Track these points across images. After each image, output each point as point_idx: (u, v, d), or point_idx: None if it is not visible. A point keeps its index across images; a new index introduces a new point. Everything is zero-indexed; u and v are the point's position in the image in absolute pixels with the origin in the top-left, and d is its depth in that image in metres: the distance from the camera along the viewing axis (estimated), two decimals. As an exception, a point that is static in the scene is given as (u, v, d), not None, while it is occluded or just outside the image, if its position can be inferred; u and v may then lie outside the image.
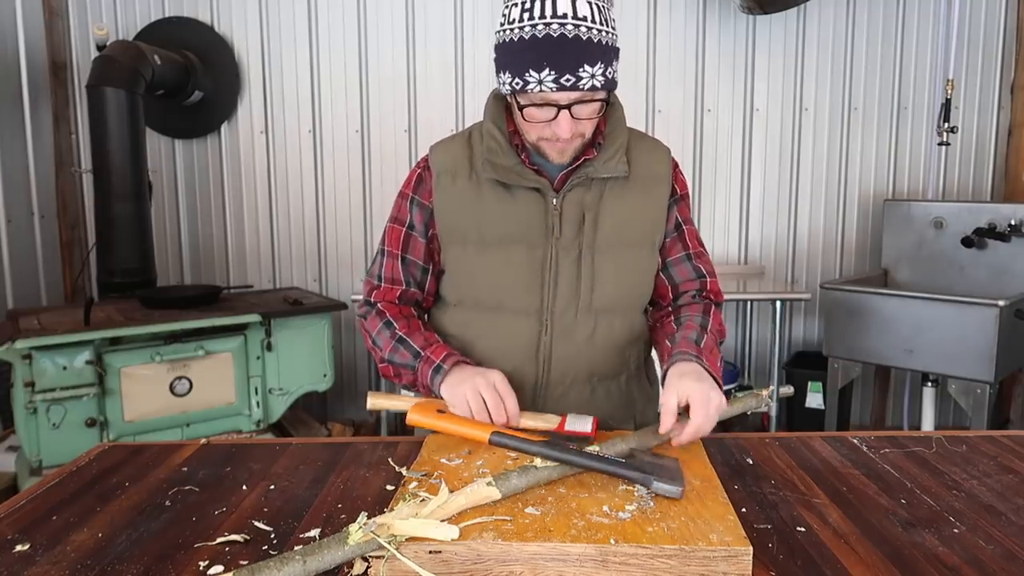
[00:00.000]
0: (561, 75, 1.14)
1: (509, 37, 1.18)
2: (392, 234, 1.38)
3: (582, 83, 1.15)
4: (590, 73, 1.15)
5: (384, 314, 1.37)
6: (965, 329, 2.81)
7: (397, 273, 1.38)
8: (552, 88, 1.15)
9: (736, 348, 3.88)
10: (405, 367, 1.32)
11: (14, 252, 3.34)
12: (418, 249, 1.37)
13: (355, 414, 3.88)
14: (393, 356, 1.33)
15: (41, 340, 2.45)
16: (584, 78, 1.15)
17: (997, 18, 3.57)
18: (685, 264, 1.39)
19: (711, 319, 1.34)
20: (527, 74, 1.16)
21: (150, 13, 3.62)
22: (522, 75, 1.16)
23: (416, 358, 1.30)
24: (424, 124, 3.68)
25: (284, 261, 3.80)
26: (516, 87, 1.18)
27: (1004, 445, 1.29)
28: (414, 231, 1.37)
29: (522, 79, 1.17)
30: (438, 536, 0.85)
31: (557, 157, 1.26)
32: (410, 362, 1.31)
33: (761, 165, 3.72)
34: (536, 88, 1.16)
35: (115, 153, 3.06)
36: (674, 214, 1.38)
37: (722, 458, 1.22)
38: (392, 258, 1.38)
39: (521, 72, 1.16)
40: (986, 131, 3.66)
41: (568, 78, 1.14)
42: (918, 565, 0.89)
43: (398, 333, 1.33)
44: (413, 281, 1.39)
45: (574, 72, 1.14)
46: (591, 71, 1.15)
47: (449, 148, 1.36)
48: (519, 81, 1.17)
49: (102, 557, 0.92)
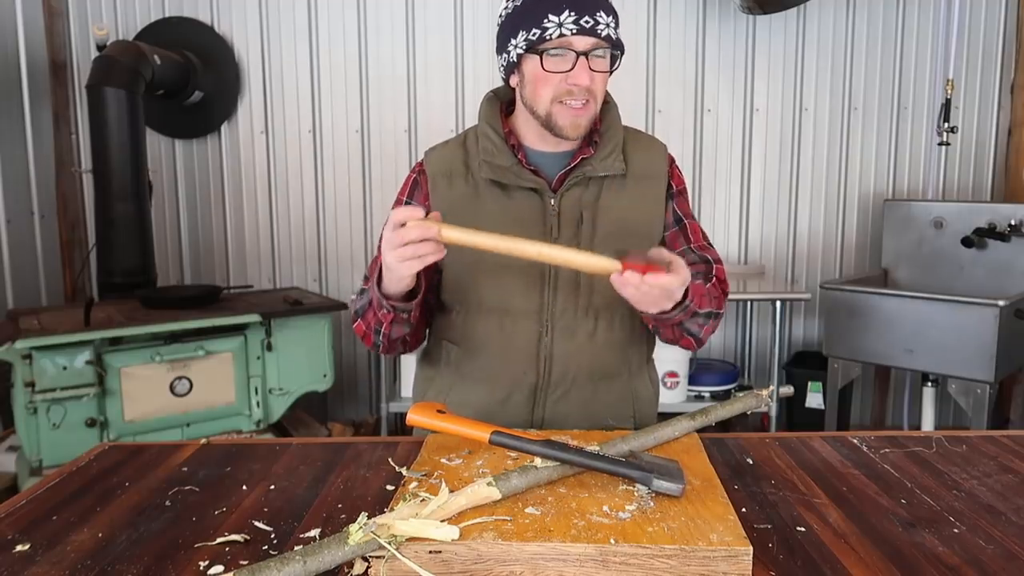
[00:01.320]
0: (580, 16, 1.17)
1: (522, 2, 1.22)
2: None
3: (599, 28, 1.18)
4: (605, 22, 1.19)
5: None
6: (965, 329, 2.81)
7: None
8: (572, 30, 1.17)
9: (736, 348, 3.88)
10: (366, 308, 1.31)
11: (14, 252, 3.33)
12: None
13: (355, 414, 3.88)
14: (356, 307, 1.34)
15: (41, 340, 2.45)
16: (601, 23, 1.18)
17: (997, 18, 3.57)
18: (688, 255, 1.36)
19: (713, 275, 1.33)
20: (546, 20, 1.18)
21: (150, 13, 3.62)
22: (540, 22, 1.18)
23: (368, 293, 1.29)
24: (424, 124, 3.68)
25: (284, 261, 3.80)
26: (533, 38, 1.19)
27: (1004, 445, 1.29)
28: None
29: (540, 26, 1.19)
30: (438, 536, 0.85)
31: (571, 127, 1.24)
32: (367, 298, 1.29)
33: (761, 165, 3.72)
34: (555, 32, 1.18)
35: (115, 153, 3.05)
36: (672, 208, 1.37)
37: (722, 458, 1.22)
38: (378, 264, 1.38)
39: (539, 20, 1.19)
40: (986, 131, 3.66)
41: (587, 20, 1.17)
42: (918, 565, 0.89)
43: (360, 289, 1.34)
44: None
45: (592, 15, 1.18)
46: (606, 20, 1.19)
47: (444, 152, 1.37)
48: (536, 30, 1.19)
49: (102, 557, 0.92)
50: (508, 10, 1.25)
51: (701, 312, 1.26)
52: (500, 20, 1.27)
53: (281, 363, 2.93)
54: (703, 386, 3.51)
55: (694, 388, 3.50)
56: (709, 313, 1.29)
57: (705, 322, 1.31)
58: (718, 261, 1.38)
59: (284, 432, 3.09)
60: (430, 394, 1.43)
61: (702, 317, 1.29)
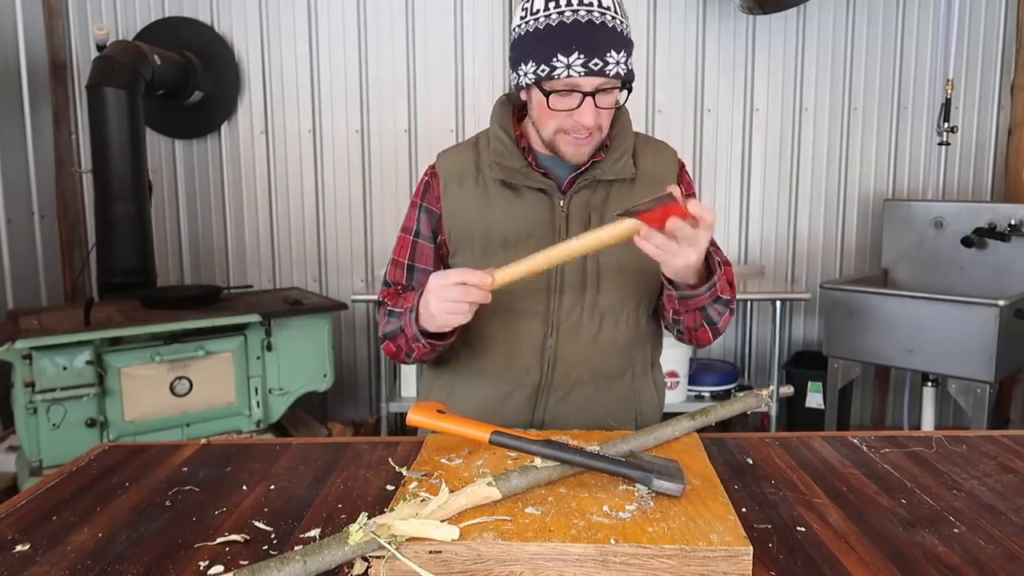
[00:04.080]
0: (590, 59, 1.15)
1: (534, 26, 1.19)
2: (401, 243, 1.41)
3: (608, 68, 1.16)
4: (616, 60, 1.17)
5: (385, 304, 1.39)
6: (965, 329, 2.81)
7: (401, 280, 1.41)
8: (580, 72, 1.16)
9: (736, 348, 3.88)
10: (397, 333, 1.32)
11: (14, 252, 3.33)
12: (425, 256, 1.38)
13: (355, 414, 3.88)
14: (386, 330, 1.35)
15: (41, 340, 2.45)
16: (611, 64, 1.17)
17: (997, 18, 3.57)
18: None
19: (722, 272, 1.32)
20: (555, 59, 1.17)
21: (150, 13, 3.62)
22: (549, 60, 1.17)
23: (400, 317, 1.31)
24: (424, 124, 3.68)
25: (284, 261, 3.80)
26: (542, 74, 1.18)
27: (1004, 445, 1.29)
28: (420, 238, 1.38)
29: (549, 64, 1.17)
30: (438, 537, 0.85)
31: (574, 155, 1.26)
32: (399, 324, 1.31)
33: (761, 165, 3.72)
34: (564, 73, 1.17)
35: (115, 153, 3.05)
36: None
37: (722, 458, 1.22)
38: (398, 266, 1.41)
39: (548, 57, 1.17)
40: (986, 131, 3.66)
41: (596, 62, 1.16)
42: (918, 565, 0.89)
43: (389, 308, 1.36)
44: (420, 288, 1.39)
45: (602, 57, 1.16)
46: (616, 58, 1.17)
47: (456, 154, 1.38)
48: (545, 68, 1.18)
49: (102, 557, 0.92)
50: (521, 29, 1.22)
51: (723, 298, 1.27)
52: (513, 35, 1.25)
53: (281, 363, 2.93)
54: (703, 386, 3.51)
55: (694, 388, 3.50)
56: (727, 301, 1.29)
57: (724, 310, 1.30)
58: (727, 263, 1.38)
59: (284, 432, 3.09)
60: (435, 389, 1.45)
61: (721, 304, 1.28)
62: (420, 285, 1.38)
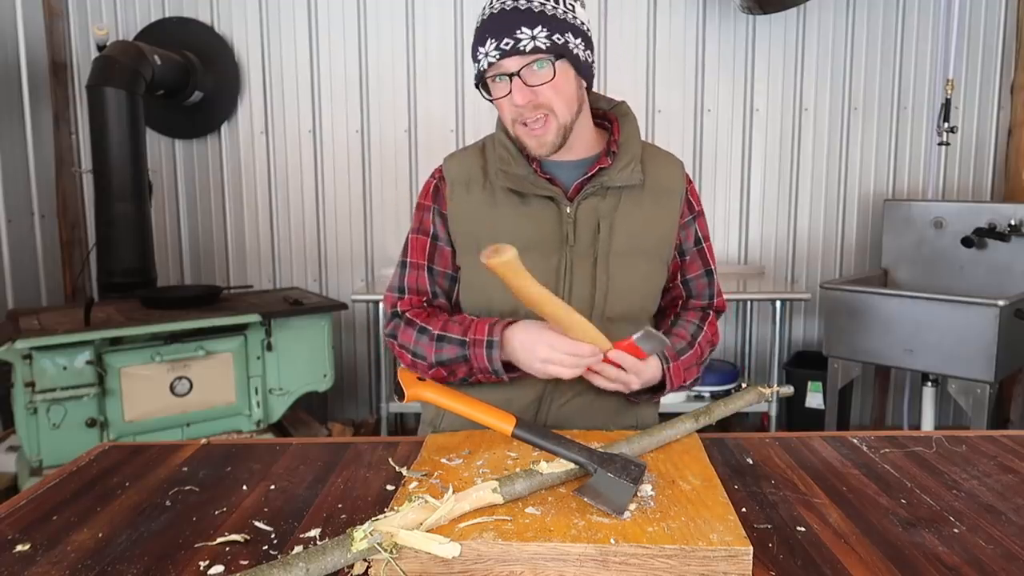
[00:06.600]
0: (500, 40, 1.19)
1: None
2: (416, 245, 1.38)
3: (522, 44, 1.18)
4: (529, 35, 1.18)
5: (414, 322, 1.34)
6: (965, 329, 2.81)
7: (423, 284, 1.37)
8: (496, 57, 1.20)
9: (736, 348, 3.88)
10: (456, 361, 1.29)
11: (14, 252, 3.34)
12: (445, 259, 1.37)
13: (355, 414, 3.88)
14: (440, 356, 1.30)
15: (41, 340, 2.45)
16: (523, 39, 1.18)
17: (997, 18, 3.57)
18: (703, 279, 1.44)
19: (705, 328, 1.40)
20: (477, 53, 1.23)
21: (150, 13, 3.62)
22: (475, 57, 1.24)
23: (463, 347, 1.27)
24: (424, 124, 3.68)
25: (284, 261, 3.80)
26: (476, 72, 1.25)
27: (1004, 445, 1.29)
28: (439, 241, 1.37)
29: (475, 60, 1.24)
30: (440, 553, 0.85)
31: (536, 147, 1.26)
32: (460, 353, 1.27)
33: (761, 165, 3.72)
34: (484, 63, 1.22)
35: (115, 153, 3.05)
36: (694, 230, 1.41)
37: (722, 458, 1.22)
38: (417, 269, 1.37)
39: (475, 55, 1.24)
40: (986, 131, 3.66)
41: (507, 41, 1.19)
42: (918, 565, 0.89)
43: (436, 332, 1.30)
44: (441, 291, 1.39)
45: (511, 35, 1.19)
46: (530, 33, 1.18)
47: (463, 159, 1.38)
48: (475, 65, 1.24)
49: (102, 557, 0.92)
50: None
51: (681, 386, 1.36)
52: None
53: (281, 363, 2.93)
54: (703, 386, 3.51)
55: (694, 388, 3.50)
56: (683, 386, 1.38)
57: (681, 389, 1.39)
58: (720, 293, 1.45)
59: (284, 432, 3.09)
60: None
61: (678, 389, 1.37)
62: (441, 289, 1.38)
